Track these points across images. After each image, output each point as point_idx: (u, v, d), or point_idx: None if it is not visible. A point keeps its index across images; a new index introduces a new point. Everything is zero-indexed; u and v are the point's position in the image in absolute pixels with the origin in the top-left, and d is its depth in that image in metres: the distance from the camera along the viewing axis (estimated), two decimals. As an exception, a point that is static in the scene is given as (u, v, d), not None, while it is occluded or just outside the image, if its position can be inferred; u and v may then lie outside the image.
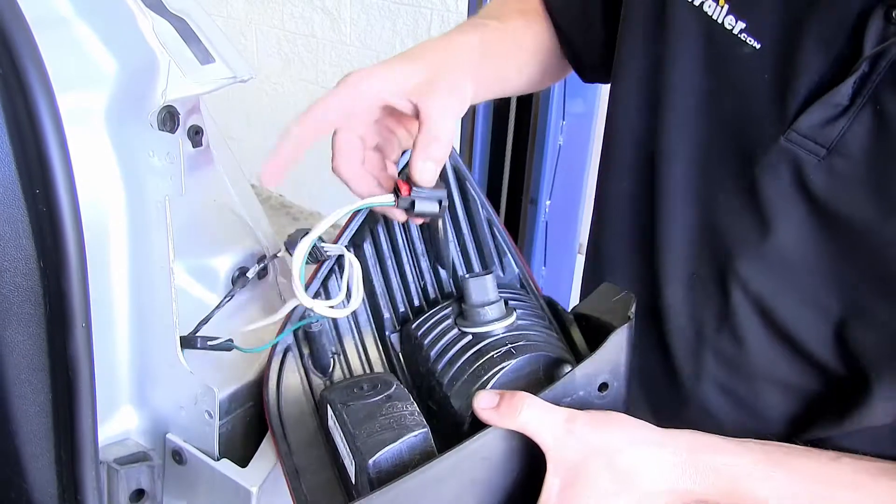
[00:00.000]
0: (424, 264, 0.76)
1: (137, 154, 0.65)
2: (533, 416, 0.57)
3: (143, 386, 0.72)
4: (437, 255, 0.75)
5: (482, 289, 0.67)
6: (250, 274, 0.80)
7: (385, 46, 3.32)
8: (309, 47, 3.64)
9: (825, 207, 0.63)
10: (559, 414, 0.58)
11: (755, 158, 0.66)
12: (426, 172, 0.64)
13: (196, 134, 0.83)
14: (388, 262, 0.74)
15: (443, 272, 0.76)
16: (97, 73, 0.65)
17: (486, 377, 0.62)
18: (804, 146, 0.62)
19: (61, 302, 0.56)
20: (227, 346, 0.71)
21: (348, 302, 0.67)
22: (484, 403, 0.58)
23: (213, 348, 0.72)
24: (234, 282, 0.85)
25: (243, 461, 0.73)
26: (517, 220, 2.11)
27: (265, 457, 0.71)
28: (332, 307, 0.66)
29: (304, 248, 0.63)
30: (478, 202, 0.76)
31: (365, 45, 3.39)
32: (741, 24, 0.65)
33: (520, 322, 0.67)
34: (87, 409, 0.59)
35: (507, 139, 1.94)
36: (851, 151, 0.61)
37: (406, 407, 0.61)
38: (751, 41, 0.64)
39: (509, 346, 0.64)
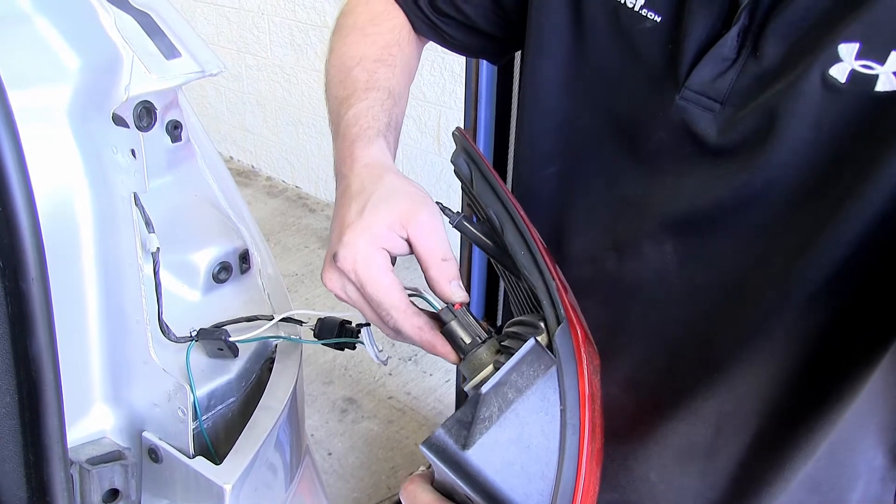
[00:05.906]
0: None
1: (102, 150, 0.64)
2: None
3: (117, 384, 0.71)
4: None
5: None
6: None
7: (396, 35, 3.29)
8: (321, 37, 3.63)
9: (724, 160, 0.63)
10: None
11: (658, 122, 0.67)
12: (459, 291, 0.62)
13: (175, 129, 0.82)
14: None
15: None
16: (59, 69, 0.64)
17: None
18: (699, 102, 0.64)
19: (21, 302, 0.55)
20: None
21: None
22: None
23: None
24: (214, 277, 0.85)
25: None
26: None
27: (240, 454, 0.70)
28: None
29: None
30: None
31: (376, 34, 3.37)
32: (641, 1, 0.68)
33: None
34: (53, 409, 0.59)
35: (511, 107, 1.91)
36: (742, 102, 0.62)
37: None
38: (651, 15, 0.67)
39: None
